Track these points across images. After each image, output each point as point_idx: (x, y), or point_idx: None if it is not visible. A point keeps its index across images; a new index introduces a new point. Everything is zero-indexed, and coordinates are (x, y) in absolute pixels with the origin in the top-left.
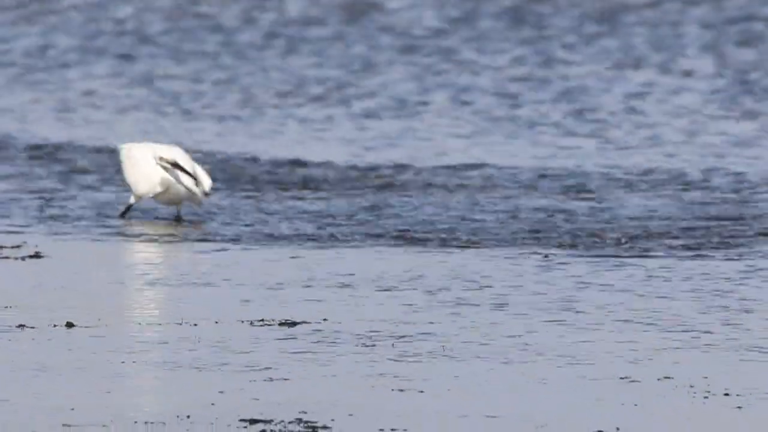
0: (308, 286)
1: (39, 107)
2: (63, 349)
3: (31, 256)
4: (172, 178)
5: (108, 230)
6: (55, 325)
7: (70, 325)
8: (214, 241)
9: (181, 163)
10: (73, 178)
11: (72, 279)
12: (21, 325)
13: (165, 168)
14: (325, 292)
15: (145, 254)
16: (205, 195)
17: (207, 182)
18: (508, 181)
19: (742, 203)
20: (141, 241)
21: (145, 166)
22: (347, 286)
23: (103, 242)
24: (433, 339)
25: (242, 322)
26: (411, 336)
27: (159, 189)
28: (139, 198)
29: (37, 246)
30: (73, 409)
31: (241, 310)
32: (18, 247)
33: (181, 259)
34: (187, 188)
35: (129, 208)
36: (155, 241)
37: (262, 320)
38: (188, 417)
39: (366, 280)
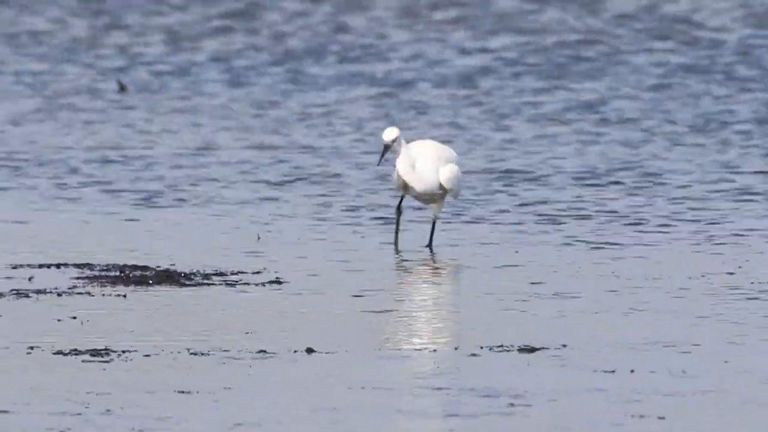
0: (541, 311)
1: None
2: (303, 374)
3: (271, 282)
4: (404, 172)
5: (346, 256)
6: (295, 351)
7: (310, 351)
8: (437, 267)
9: (419, 158)
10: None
11: (312, 305)
12: (261, 351)
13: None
14: (562, 315)
15: (382, 280)
16: (445, 192)
17: (447, 182)
18: None
19: None
20: (380, 268)
21: (398, 161)
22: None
23: (343, 267)
24: (669, 359)
25: (481, 347)
26: (650, 360)
27: (399, 181)
28: (399, 192)
29: (277, 272)
30: None
31: (480, 334)
32: (258, 272)
33: (419, 284)
34: (400, 176)
35: (400, 201)
36: (394, 266)
37: (501, 346)
38: None
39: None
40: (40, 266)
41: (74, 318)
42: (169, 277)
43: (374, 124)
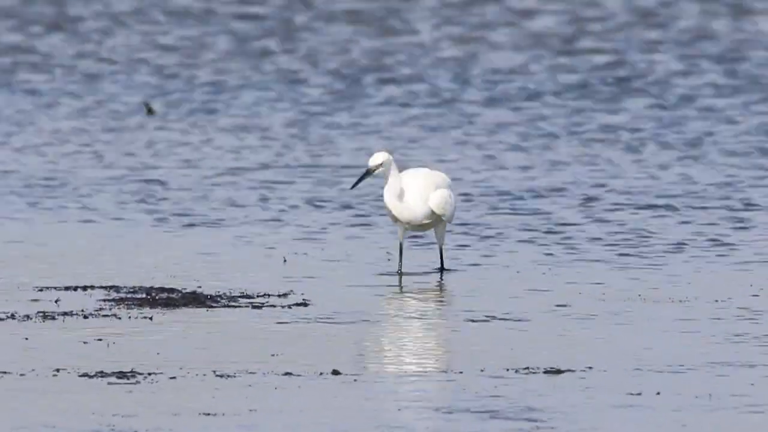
0: (567, 333)
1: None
2: (329, 396)
3: (297, 304)
4: (391, 204)
5: (372, 278)
6: (321, 373)
7: (336, 372)
8: (461, 289)
9: (407, 188)
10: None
11: (338, 327)
12: (287, 373)
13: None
14: (588, 337)
15: (408, 303)
16: (438, 219)
17: (437, 208)
18: None
19: None
20: (406, 291)
21: (385, 191)
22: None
23: (369, 290)
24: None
25: (507, 369)
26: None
27: (389, 210)
28: (397, 226)
29: (303, 294)
30: None
31: (505, 356)
32: (285, 295)
33: (443, 307)
34: (387, 204)
35: (400, 245)
36: (420, 289)
37: (527, 368)
38: None
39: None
40: (66, 288)
41: (100, 340)
42: (196, 299)
43: (415, 143)
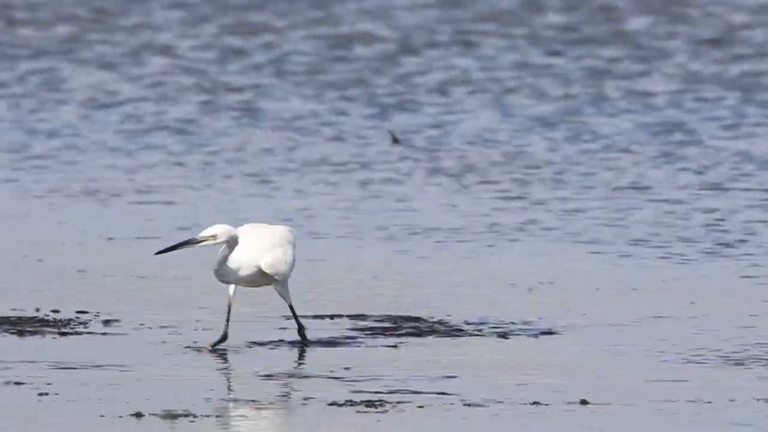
0: None
1: None
2: (576, 426)
3: (543, 333)
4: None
5: (617, 308)
6: (569, 403)
7: (584, 402)
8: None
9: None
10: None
11: (587, 357)
12: (535, 402)
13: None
14: None
15: (657, 329)
16: (268, 276)
17: (267, 266)
18: None
19: None
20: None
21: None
22: None
23: (613, 319)
24: None
25: (758, 400)
26: None
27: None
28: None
29: (550, 323)
30: None
31: (756, 388)
32: (530, 323)
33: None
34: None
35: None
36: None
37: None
38: None
39: None
40: (315, 317)
41: (347, 369)
42: (442, 328)
43: None
